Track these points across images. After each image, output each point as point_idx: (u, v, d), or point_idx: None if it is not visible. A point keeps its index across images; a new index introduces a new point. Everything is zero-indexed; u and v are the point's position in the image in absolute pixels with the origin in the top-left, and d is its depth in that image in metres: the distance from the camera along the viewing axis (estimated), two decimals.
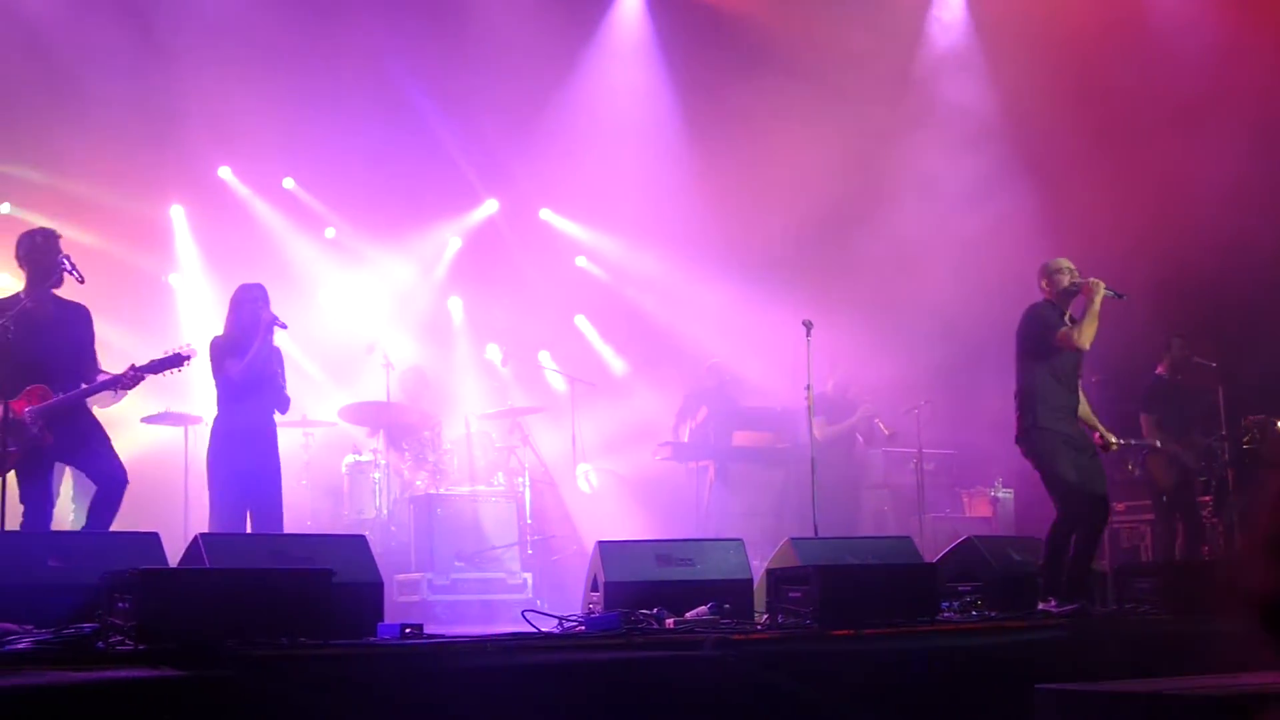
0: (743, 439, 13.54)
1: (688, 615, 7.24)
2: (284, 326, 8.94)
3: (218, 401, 9.03)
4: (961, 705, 6.51)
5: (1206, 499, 12.05)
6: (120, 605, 5.86)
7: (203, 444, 9.21)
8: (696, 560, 7.95)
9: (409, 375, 13.02)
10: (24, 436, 7.74)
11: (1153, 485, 11.89)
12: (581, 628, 6.97)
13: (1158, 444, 11.44)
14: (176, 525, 10.36)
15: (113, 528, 7.92)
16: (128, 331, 12.06)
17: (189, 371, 8.38)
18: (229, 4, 12.95)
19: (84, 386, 8.00)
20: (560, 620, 7.14)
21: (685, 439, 13.39)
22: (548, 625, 7.02)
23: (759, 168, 14.15)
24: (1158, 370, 12.12)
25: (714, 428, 13.30)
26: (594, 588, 7.77)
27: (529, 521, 11.95)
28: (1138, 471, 11.56)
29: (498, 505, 11.78)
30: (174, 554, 7.06)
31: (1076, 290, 8.74)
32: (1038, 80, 13.55)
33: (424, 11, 14.14)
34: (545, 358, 14.97)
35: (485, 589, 11.24)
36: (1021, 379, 8.81)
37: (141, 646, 5.52)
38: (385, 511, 11.88)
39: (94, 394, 8.07)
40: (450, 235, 15.88)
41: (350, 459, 12.34)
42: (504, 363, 14.30)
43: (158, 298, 14.04)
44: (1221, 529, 11.94)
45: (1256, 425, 11.81)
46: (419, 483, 11.90)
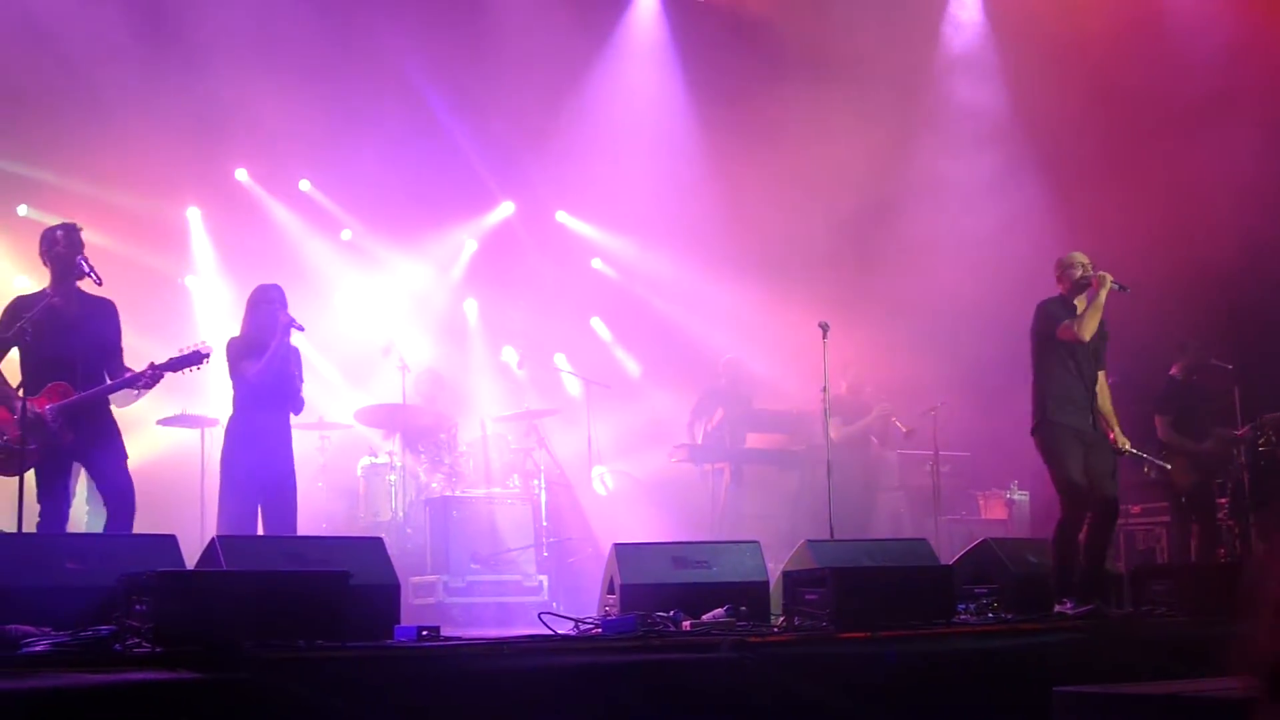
0: (757, 441, 13.53)
1: (704, 617, 7.23)
2: (301, 328, 8.92)
3: (234, 403, 9.01)
4: (978, 707, 6.50)
5: (1223, 501, 12.00)
6: (137, 607, 5.87)
7: (218, 446, 9.21)
8: (712, 562, 7.95)
9: (425, 377, 13.01)
10: (44, 434, 7.74)
11: (1170, 487, 11.83)
12: (598, 630, 6.96)
13: (1167, 466, 11.37)
14: (193, 527, 10.36)
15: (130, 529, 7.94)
16: (143, 333, 11.96)
17: (205, 373, 8.38)
18: (246, 7, 12.95)
19: (106, 384, 7.98)
20: (577, 623, 7.15)
21: (699, 439, 13.38)
22: (564, 628, 7.02)
23: (774, 169, 14.12)
24: (1171, 371, 12.06)
25: (729, 430, 13.29)
26: (610, 590, 7.77)
27: (545, 524, 11.92)
28: (1154, 474, 11.50)
29: (513, 507, 11.77)
30: (191, 556, 7.08)
31: (1088, 283, 8.85)
32: (1053, 80, 13.54)
33: (440, 14, 14.15)
34: (561, 360, 14.97)
35: (501, 591, 11.22)
36: (1034, 374, 8.95)
37: (159, 649, 5.54)
38: (401, 514, 11.88)
39: (114, 391, 8.06)
40: (466, 237, 15.88)
41: (366, 461, 12.34)
42: (520, 365, 14.33)
43: (174, 299, 14.02)
44: (1238, 531, 11.90)
45: (1273, 425, 11.74)
46: (435, 485, 11.90)
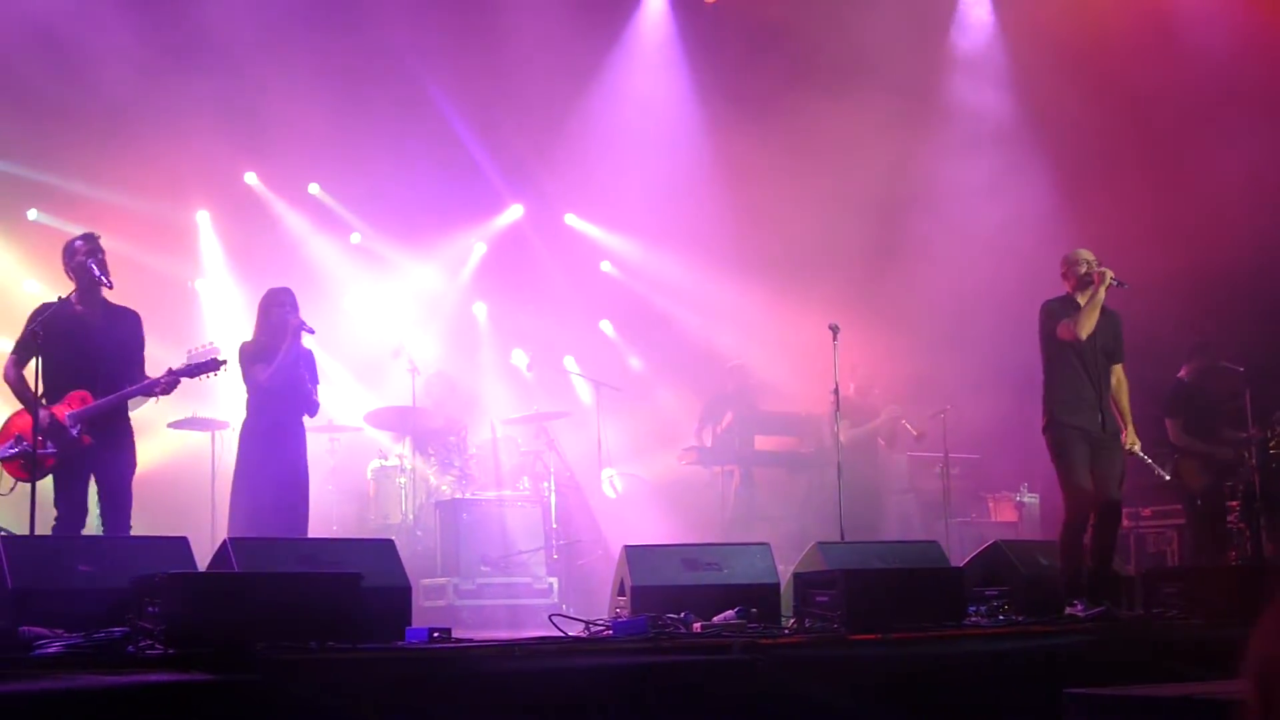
0: (767, 443, 13.52)
1: (715, 619, 7.24)
2: (311, 331, 8.92)
3: (248, 406, 9.01)
4: (989, 709, 6.50)
5: (1234, 504, 11.97)
6: (150, 609, 5.90)
7: (229, 449, 9.22)
8: (723, 565, 7.96)
9: (435, 380, 13.02)
10: (63, 439, 7.79)
11: (1184, 489, 11.79)
12: (609, 632, 6.96)
13: (1166, 477, 11.34)
14: (204, 529, 10.39)
15: (142, 531, 7.96)
16: (154, 337, 12.02)
17: (216, 377, 8.40)
18: (256, 10, 12.97)
19: (123, 390, 8.01)
20: (587, 624, 7.15)
21: (707, 443, 13.38)
22: (575, 629, 7.02)
23: (783, 171, 14.12)
24: (1180, 374, 12.03)
25: (738, 432, 13.29)
26: (621, 592, 7.78)
27: (555, 526, 11.91)
28: (1166, 477, 11.47)
29: (523, 510, 11.78)
30: (202, 558, 7.10)
31: (1090, 280, 8.85)
32: (1063, 80, 13.52)
33: (449, 18, 14.15)
34: (570, 362, 14.98)
35: (511, 593, 11.22)
36: (1043, 374, 8.99)
37: (171, 650, 5.56)
38: (411, 516, 11.90)
39: (131, 398, 8.11)
40: (475, 240, 15.91)
41: (376, 464, 12.35)
42: (530, 367, 14.34)
43: (184, 303, 14.06)
44: (1248, 534, 11.87)
45: None
46: (445, 487, 11.91)
